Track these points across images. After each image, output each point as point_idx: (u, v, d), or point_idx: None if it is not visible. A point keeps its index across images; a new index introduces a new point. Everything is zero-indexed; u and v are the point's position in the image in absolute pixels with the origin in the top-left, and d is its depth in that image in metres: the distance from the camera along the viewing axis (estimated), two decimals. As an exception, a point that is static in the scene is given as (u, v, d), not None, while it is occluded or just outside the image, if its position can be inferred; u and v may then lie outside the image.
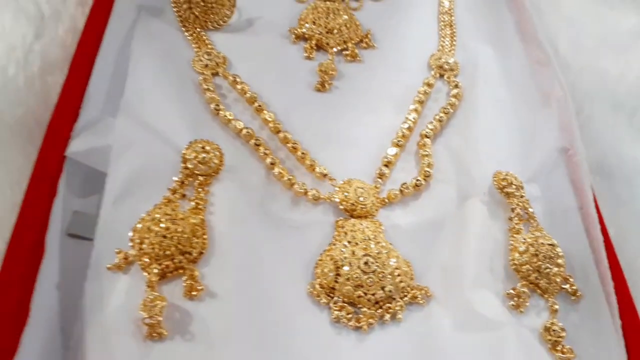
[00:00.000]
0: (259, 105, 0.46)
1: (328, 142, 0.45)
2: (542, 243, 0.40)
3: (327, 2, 0.55)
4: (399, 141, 0.45)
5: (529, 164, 0.44)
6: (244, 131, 0.43)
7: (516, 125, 0.47)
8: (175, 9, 0.51)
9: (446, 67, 0.52)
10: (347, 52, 0.52)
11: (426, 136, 0.46)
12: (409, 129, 0.47)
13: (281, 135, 0.44)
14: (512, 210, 0.42)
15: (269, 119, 0.45)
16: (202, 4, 0.50)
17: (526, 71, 0.51)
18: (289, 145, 0.44)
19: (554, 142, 0.46)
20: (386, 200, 0.42)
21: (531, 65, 0.52)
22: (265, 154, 0.43)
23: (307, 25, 0.52)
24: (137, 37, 0.48)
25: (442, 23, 0.56)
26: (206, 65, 0.48)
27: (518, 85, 0.50)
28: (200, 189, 0.39)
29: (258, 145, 0.43)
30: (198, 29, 0.50)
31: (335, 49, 0.51)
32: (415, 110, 0.48)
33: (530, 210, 0.42)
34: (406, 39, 0.55)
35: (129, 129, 0.40)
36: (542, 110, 0.48)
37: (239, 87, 0.46)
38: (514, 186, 0.42)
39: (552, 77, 0.49)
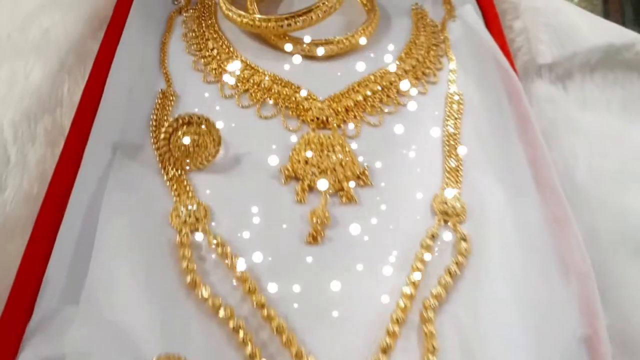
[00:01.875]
0: (242, 273, 0.41)
1: (319, 317, 0.40)
2: None
3: (321, 134, 0.50)
4: (398, 318, 0.40)
5: (544, 356, 0.39)
6: (222, 312, 0.39)
7: (530, 300, 0.41)
8: (155, 148, 0.47)
9: (451, 212, 0.47)
10: (342, 193, 0.47)
11: (430, 307, 0.41)
12: (411, 296, 0.42)
13: (264, 312, 0.39)
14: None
15: (252, 289, 0.40)
16: (183, 147, 0.45)
17: (542, 228, 0.46)
18: (274, 324, 0.39)
19: (573, 329, 0.40)
20: None
21: (548, 222, 0.46)
22: (244, 341, 0.38)
23: (298, 165, 0.48)
24: (110, 186, 0.44)
25: (446, 149, 0.51)
26: (185, 221, 0.43)
27: (532, 246, 0.44)
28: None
29: (237, 329, 0.38)
30: (179, 172, 0.46)
31: (329, 192, 0.47)
32: (418, 269, 0.43)
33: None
34: (406, 170, 0.50)
35: (87, 335, 0.35)
36: (561, 285, 0.42)
37: (219, 250, 0.42)
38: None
39: (572, 244, 0.44)
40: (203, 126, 0.46)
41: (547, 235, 0.45)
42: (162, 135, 0.45)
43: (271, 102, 0.53)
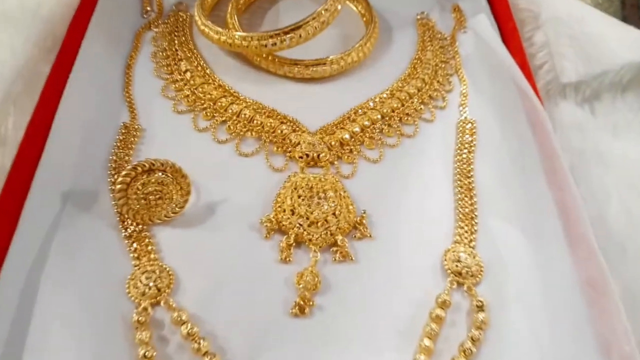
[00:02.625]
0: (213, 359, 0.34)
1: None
2: None
3: (311, 175, 0.43)
4: None
5: None
6: None
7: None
8: (111, 197, 0.40)
9: (466, 272, 0.39)
10: (335, 249, 0.40)
11: (441, 400, 0.34)
12: (418, 385, 0.34)
13: None
14: None
15: None
16: (143, 201, 0.38)
17: (575, 294, 0.38)
18: None
19: None
20: None
21: (582, 285, 0.39)
22: None
23: (284, 215, 0.40)
24: (56, 246, 0.36)
25: (458, 190, 0.44)
26: (144, 293, 0.36)
27: (564, 316, 0.37)
28: None
29: None
30: (140, 227, 0.39)
31: (320, 247, 0.39)
32: (426, 350, 0.35)
33: None
34: (412, 217, 0.42)
35: None
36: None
37: (185, 329, 0.34)
38: None
39: (613, 318, 0.36)
40: (167, 174, 0.38)
41: (581, 304, 0.38)
42: (119, 186, 0.37)
43: (253, 135, 0.45)
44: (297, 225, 0.40)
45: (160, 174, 0.38)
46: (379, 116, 0.47)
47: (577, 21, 0.54)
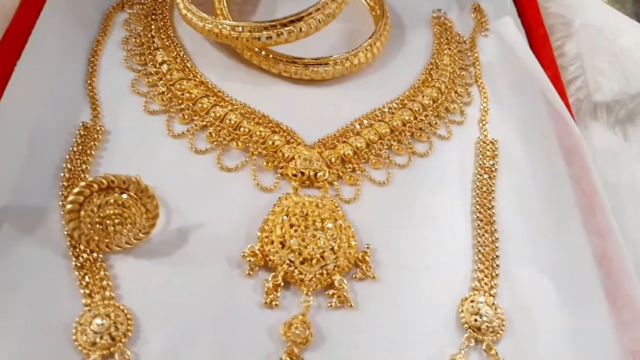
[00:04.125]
0: None
1: None
2: None
3: (306, 198, 0.36)
4: None
5: None
6: None
7: None
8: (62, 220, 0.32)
9: (485, 327, 0.33)
10: (332, 292, 0.33)
11: None
12: None
13: None
14: None
15: None
16: (99, 225, 0.31)
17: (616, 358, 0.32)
18: None
19: None
20: None
21: (624, 347, 0.33)
22: None
23: (271, 248, 0.33)
24: None
25: (477, 222, 0.37)
26: (94, 343, 0.28)
27: None
28: None
29: None
30: (94, 254, 0.31)
31: (312, 292, 0.33)
32: None
33: None
34: (422, 255, 0.35)
35: None
36: None
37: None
38: None
39: None
40: (129, 194, 0.31)
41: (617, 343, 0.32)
42: (69, 207, 0.30)
43: (239, 146, 0.38)
44: (287, 261, 0.33)
45: (121, 193, 0.31)
46: (388, 130, 0.40)
47: (612, 30, 0.48)
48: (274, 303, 0.32)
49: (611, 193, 0.41)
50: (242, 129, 0.38)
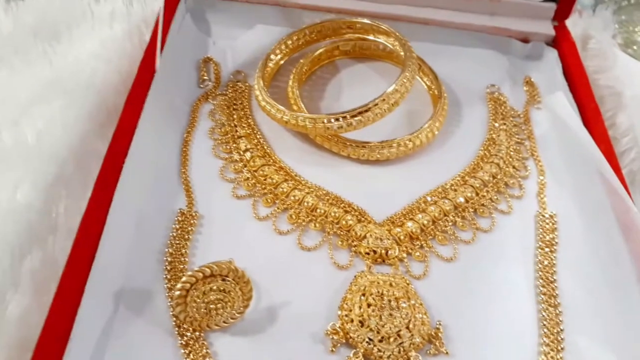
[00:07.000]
0: None
1: None
2: None
3: (380, 277, 0.39)
4: None
5: None
6: None
7: None
8: (169, 305, 0.36)
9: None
10: (406, 369, 0.36)
11: None
12: None
13: None
14: None
15: None
16: (203, 310, 0.35)
17: None
18: None
19: None
20: None
21: None
22: None
23: (351, 326, 0.36)
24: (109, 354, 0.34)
25: (541, 296, 0.39)
26: (201, 417, 0.32)
27: None
28: None
29: None
30: (196, 333, 0.36)
31: (391, 364, 0.36)
32: None
33: None
34: (490, 329, 0.38)
35: None
36: None
37: None
38: None
39: None
40: (229, 280, 0.35)
41: None
42: (177, 293, 0.34)
43: (316, 227, 0.42)
44: (367, 339, 0.36)
45: (222, 280, 0.35)
46: (452, 207, 0.44)
47: None
48: (356, 378, 0.35)
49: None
50: (318, 210, 0.42)
